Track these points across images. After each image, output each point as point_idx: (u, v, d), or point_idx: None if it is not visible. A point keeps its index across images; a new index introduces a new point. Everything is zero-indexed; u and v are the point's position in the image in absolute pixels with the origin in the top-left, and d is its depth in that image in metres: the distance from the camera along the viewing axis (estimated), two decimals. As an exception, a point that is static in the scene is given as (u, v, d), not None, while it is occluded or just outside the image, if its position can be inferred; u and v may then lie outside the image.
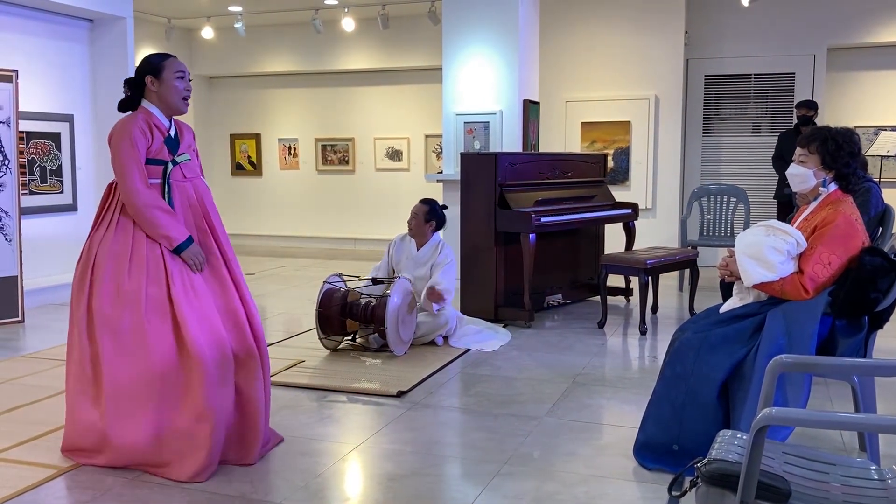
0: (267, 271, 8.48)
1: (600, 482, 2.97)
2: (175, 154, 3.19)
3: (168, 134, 3.18)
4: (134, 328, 3.01)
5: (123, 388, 3.00)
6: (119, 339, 3.02)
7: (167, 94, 3.16)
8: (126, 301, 3.02)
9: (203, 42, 10.48)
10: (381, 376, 4.34)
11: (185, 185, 3.21)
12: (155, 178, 3.14)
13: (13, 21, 6.42)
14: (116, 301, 3.03)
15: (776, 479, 1.85)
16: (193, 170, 3.28)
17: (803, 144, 3.15)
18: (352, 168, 10.63)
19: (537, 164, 6.06)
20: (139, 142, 3.06)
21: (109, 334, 3.03)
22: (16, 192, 5.89)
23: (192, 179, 3.25)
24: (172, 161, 3.17)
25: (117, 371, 3.01)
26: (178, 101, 3.18)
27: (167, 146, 3.16)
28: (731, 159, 8.55)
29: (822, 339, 2.97)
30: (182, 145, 3.23)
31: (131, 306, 3.01)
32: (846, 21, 8.03)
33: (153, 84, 3.15)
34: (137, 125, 3.09)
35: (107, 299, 3.04)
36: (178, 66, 3.19)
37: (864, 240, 3.04)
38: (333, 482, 3.00)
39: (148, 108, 3.17)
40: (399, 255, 5.25)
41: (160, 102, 3.17)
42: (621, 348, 5.12)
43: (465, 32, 6.96)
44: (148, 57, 3.22)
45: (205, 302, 3.11)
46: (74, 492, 2.88)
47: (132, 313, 3.01)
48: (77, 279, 3.14)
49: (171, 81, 3.15)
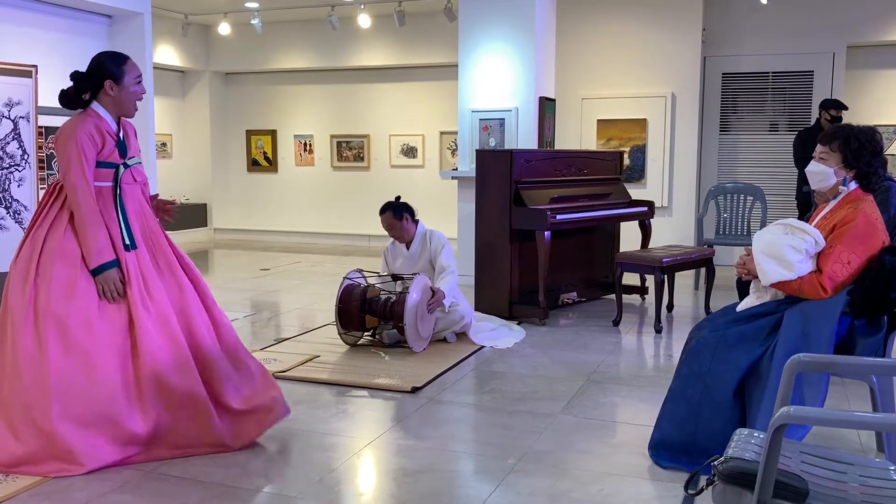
0: (282, 267, 8.51)
1: (615, 480, 2.96)
2: (125, 157, 3.17)
3: (118, 137, 3.16)
4: (85, 326, 2.97)
5: (71, 387, 2.94)
6: (67, 337, 2.96)
7: (124, 100, 3.14)
8: (79, 298, 2.98)
9: (220, 38, 10.52)
10: (395, 372, 4.35)
11: (135, 188, 3.21)
12: (106, 181, 3.12)
13: (32, 17, 6.47)
14: (68, 299, 2.97)
15: (794, 479, 1.84)
16: (142, 173, 3.27)
17: (825, 142, 3.13)
18: (367, 165, 10.64)
19: (553, 162, 6.05)
20: (87, 147, 3.02)
21: (57, 332, 2.95)
22: (34, 186, 5.94)
23: (141, 183, 3.25)
24: (124, 164, 3.16)
25: (65, 370, 2.94)
26: (132, 105, 3.18)
27: (118, 149, 3.14)
28: (748, 157, 8.49)
29: (840, 338, 2.95)
30: (131, 149, 3.22)
31: (83, 303, 2.98)
32: (866, 18, 7.95)
33: (112, 89, 3.11)
34: (86, 130, 3.04)
35: (55, 296, 2.97)
36: (137, 71, 3.18)
37: (884, 239, 3.02)
38: (348, 477, 3.01)
39: (97, 112, 3.12)
40: (395, 258, 5.24)
41: (113, 105, 3.14)
42: (636, 346, 5.11)
43: (481, 29, 6.95)
44: (105, 60, 3.14)
45: (160, 302, 3.10)
46: (94, 483, 2.90)
47: (84, 310, 2.98)
48: (15, 277, 3.04)
49: (130, 87, 3.13)
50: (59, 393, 2.92)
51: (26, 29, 6.43)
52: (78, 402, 2.94)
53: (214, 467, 3.08)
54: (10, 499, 2.78)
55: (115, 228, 3.11)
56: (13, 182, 5.82)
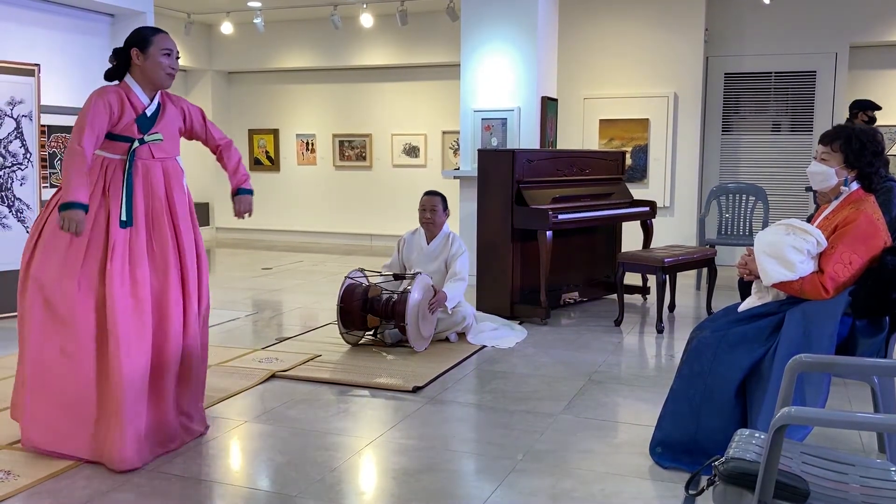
0: (284, 266, 8.52)
1: (616, 480, 2.96)
2: (146, 133, 3.14)
3: (143, 112, 3.13)
4: (67, 298, 2.99)
5: (45, 364, 3.00)
6: (51, 310, 3.00)
7: (150, 70, 3.12)
8: (66, 272, 3.00)
9: (222, 37, 10.53)
10: (397, 372, 4.35)
11: (152, 165, 3.17)
12: (116, 154, 3.10)
13: (35, 16, 6.48)
14: (61, 271, 3.00)
15: (795, 479, 1.84)
16: (167, 151, 3.22)
17: (826, 142, 3.12)
18: (369, 164, 10.64)
19: (555, 162, 6.04)
20: (98, 115, 3.01)
21: (42, 304, 3.00)
22: (37, 185, 5.95)
23: (162, 160, 3.20)
24: (140, 140, 3.12)
25: (44, 345, 3.00)
26: (161, 76, 3.14)
27: (137, 124, 3.11)
28: (750, 158, 8.49)
29: (842, 339, 2.94)
30: (159, 125, 3.18)
31: (69, 277, 3.00)
32: (869, 18, 7.94)
33: (138, 57, 3.11)
34: (104, 98, 3.04)
35: (44, 264, 3.02)
36: (166, 43, 3.14)
37: (885, 239, 3.01)
38: (349, 476, 3.01)
39: (129, 84, 3.13)
40: (410, 251, 5.24)
41: (142, 77, 3.13)
42: (638, 346, 5.10)
43: (483, 29, 6.95)
44: (139, 28, 3.16)
45: (141, 284, 3.05)
46: (95, 481, 2.91)
47: (68, 284, 2.99)
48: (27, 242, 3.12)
49: (156, 57, 3.11)
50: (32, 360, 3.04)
51: (29, 28, 6.44)
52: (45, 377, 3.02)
53: (215, 466, 3.08)
54: (11, 497, 2.78)
55: (116, 203, 3.07)
56: (16, 181, 5.82)
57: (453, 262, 5.04)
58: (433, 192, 5.26)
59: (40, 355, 3.03)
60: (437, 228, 5.16)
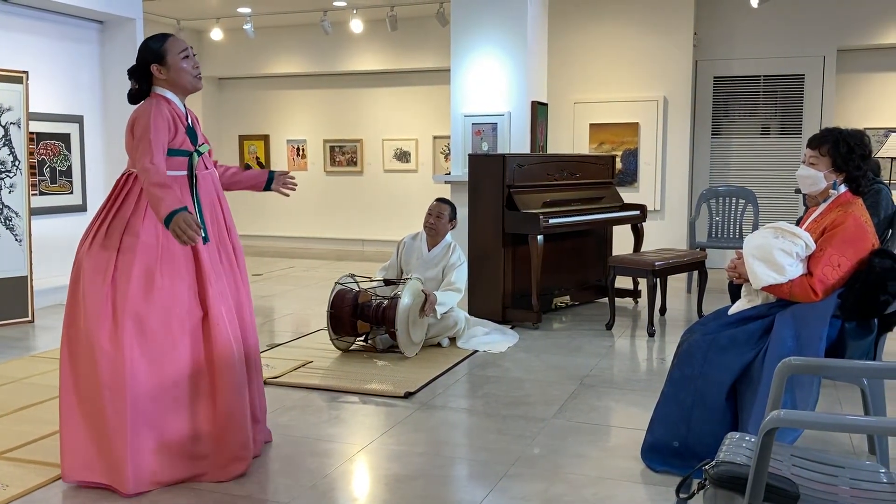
0: (275, 272, 8.50)
1: (608, 484, 2.96)
2: (196, 144, 3.03)
3: (187, 123, 3.02)
4: (164, 329, 2.83)
5: (145, 395, 2.82)
6: (147, 341, 2.82)
7: (178, 79, 2.98)
8: (158, 298, 2.82)
9: (212, 43, 10.51)
10: (388, 377, 4.34)
11: (207, 177, 3.07)
12: (180, 171, 2.95)
13: (23, 22, 6.45)
14: (147, 297, 2.81)
15: (785, 482, 1.85)
16: (208, 160, 3.13)
17: (814, 146, 3.14)
18: (360, 169, 10.64)
19: (545, 166, 6.06)
20: (160, 133, 2.85)
21: (138, 334, 2.80)
22: (26, 192, 5.92)
23: (210, 171, 3.11)
24: (196, 151, 3.01)
25: (140, 376, 2.81)
26: (189, 80, 3.01)
27: (188, 136, 3.00)
28: (740, 161, 8.52)
29: (831, 341, 2.96)
30: (199, 135, 3.07)
31: (163, 304, 2.83)
32: (856, 22, 7.99)
33: (160, 72, 2.96)
34: (162, 114, 2.89)
35: (134, 294, 2.80)
36: (180, 46, 2.99)
37: (873, 242, 3.03)
38: (341, 483, 3.01)
39: (163, 94, 2.98)
40: (409, 255, 5.24)
41: (173, 87, 2.99)
42: (629, 350, 5.11)
43: (473, 34, 6.96)
44: (147, 43, 3.01)
45: (225, 298, 3.00)
46: (82, 492, 2.88)
47: (164, 312, 2.83)
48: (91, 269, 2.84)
49: (178, 64, 2.97)
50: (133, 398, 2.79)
51: (17, 35, 6.41)
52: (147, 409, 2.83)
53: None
54: (1, 507, 2.76)
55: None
56: (4, 188, 5.80)
57: (451, 271, 5.04)
58: (444, 199, 5.29)
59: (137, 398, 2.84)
60: (439, 236, 5.17)
